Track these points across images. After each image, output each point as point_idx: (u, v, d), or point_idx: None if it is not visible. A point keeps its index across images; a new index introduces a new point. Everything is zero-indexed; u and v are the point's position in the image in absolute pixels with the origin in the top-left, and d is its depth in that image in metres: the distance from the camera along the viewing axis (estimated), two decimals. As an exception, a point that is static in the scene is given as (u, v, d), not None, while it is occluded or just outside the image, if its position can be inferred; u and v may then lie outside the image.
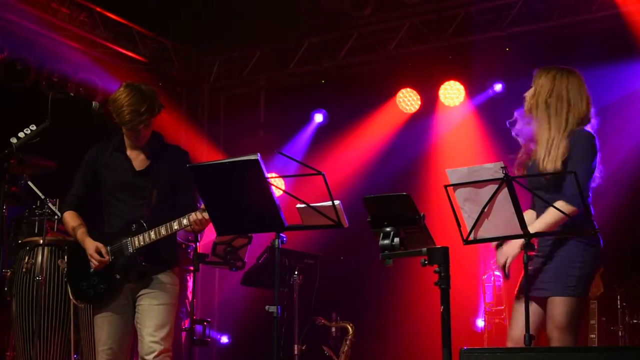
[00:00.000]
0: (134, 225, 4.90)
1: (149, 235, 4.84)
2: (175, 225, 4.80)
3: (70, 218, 5.06)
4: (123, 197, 4.98)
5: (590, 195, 4.57)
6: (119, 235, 4.93)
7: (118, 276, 4.91)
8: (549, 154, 4.47)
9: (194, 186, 4.79)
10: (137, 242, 4.87)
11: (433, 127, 9.09)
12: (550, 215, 4.37)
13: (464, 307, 8.20)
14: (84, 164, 5.12)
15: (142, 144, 4.98)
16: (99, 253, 4.88)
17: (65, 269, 5.55)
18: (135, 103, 4.81)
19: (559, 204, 4.33)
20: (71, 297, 5.19)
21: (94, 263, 4.89)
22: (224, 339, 9.47)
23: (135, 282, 4.93)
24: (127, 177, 4.97)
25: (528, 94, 4.70)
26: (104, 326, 4.91)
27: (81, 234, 4.98)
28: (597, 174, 4.56)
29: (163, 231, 4.82)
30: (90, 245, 4.90)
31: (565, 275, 4.45)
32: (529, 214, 4.50)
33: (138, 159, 5.00)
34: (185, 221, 4.76)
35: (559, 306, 4.45)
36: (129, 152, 5.01)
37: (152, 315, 4.86)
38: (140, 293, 4.92)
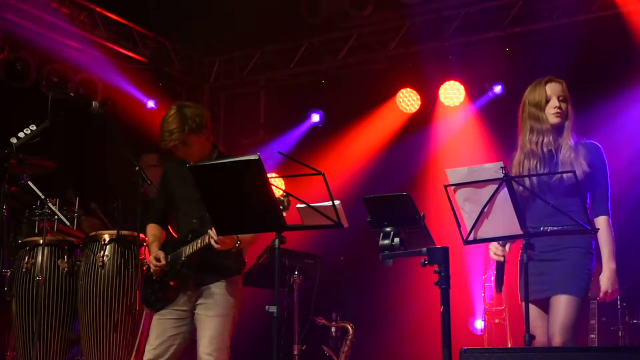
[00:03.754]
0: (189, 235, 5.05)
1: (197, 243, 4.97)
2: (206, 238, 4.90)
3: (149, 230, 5.28)
4: (185, 208, 5.15)
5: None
6: (179, 244, 5.10)
7: (172, 283, 5.07)
8: (573, 163, 4.56)
9: None
10: (188, 250, 5.01)
11: (433, 127, 9.09)
12: (606, 234, 4.56)
13: (464, 308, 8.21)
14: (161, 179, 5.33)
15: (193, 159, 5.04)
16: (158, 259, 5.05)
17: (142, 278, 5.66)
18: (168, 124, 5.01)
19: (603, 219, 4.54)
20: (143, 304, 5.39)
21: (152, 268, 5.08)
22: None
23: (192, 291, 5.07)
24: (190, 190, 5.02)
25: (565, 107, 4.70)
26: (155, 327, 5.09)
27: (152, 244, 5.19)
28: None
29: (206, 239, 4.90)
30: (152, 253, 5.12)
31: (575, 277, 4.49)
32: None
33: None
34: (211, 232, 4.84)
35: (565, 304, 4.46)
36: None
37: (205, 327, 5.02)
38: (197, 303, 5.07)
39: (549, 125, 4.67)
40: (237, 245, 4.89)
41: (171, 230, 5.40)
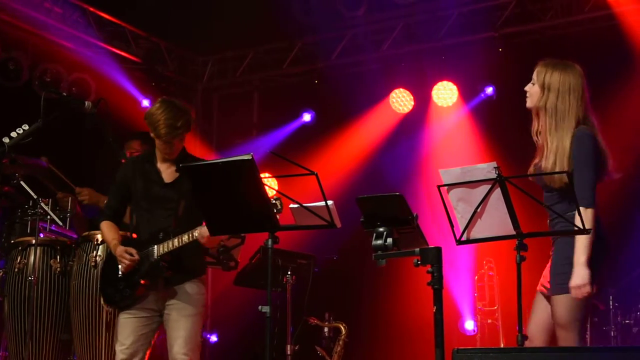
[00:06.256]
0: (161, 234, 5.04)
1: (173, 242, 4.97)
2: (196, 234, 4.89)
3: (106, 228, 5.22)
4: (151, 208, 5.12)
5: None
6: (147, 243, 5.07)
7: (142, 281, 5.04)
8: (556, 157, 4.45)
9: None
10: (161, 249, 5.00)
11: (426, 127, 9.10)
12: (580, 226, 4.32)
13: (457, 308, 8.22)
14: (118, 176, 5.26)
15: (174, 156, 5.12)
16: (130, 254, 5.01)
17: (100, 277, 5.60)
18: (172, 117, 5.00)
19: (580, 210, 4.19)
20: (102, 303, 5.41)
21: (124, 263, 5.02)
22: (214, 338, 9.46)
23: (162, 291, 5.06)
24: (156, 188, 5.12)
25: (533, 91, 4.64)
26: (125, 327, 5.06)
27: (113, 243, 5.13)
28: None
29: (185, 238, 4.94)
30: (120, 249, 5.06)
31: (560, 273, 4.47)
32: None
33: (167, 172, 5.15)
34: (196, 233, 4.89)
35: (558, 304, 4.46)
36: (159, 165, 5.16)
37: (179, 327, 5.00)
38: (168, 303, 5.05)
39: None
40: (220, 243, 5.04)
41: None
